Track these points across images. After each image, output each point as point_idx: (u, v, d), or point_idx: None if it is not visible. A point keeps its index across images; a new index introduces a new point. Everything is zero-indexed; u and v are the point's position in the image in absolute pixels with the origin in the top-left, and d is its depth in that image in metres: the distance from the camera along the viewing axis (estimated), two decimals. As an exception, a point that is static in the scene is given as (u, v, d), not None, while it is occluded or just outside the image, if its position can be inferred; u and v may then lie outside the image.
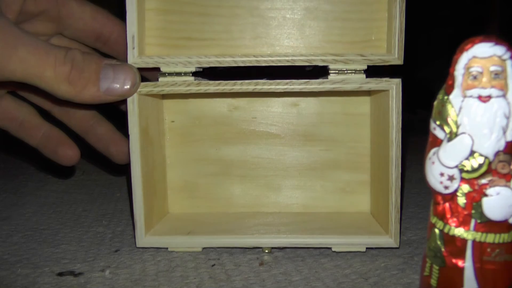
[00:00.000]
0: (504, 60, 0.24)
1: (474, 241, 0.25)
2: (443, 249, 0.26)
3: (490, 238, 0.25)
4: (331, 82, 0.41)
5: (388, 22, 0.42)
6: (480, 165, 0.25)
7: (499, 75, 0.25)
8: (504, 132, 0.25)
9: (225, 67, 0.42)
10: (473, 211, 0.25)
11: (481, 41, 0.25)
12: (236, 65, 0.41)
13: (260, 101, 0.49)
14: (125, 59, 0.41)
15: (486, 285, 0.26)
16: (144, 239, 0.42)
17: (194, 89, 0.41)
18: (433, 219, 0.27)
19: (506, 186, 0.25)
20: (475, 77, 0.25)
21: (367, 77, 0.41)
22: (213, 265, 0.40)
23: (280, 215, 0.48)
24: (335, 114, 0.49)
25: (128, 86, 0.39)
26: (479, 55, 0.25)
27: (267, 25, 0.45)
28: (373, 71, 0.41)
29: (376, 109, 0.45)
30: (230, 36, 0.45)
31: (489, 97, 0.24)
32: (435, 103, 0.26)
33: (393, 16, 0.40)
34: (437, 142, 0.26)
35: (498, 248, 0.25)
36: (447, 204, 0.26)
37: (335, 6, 0.45)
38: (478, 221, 0.25)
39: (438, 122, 0.26)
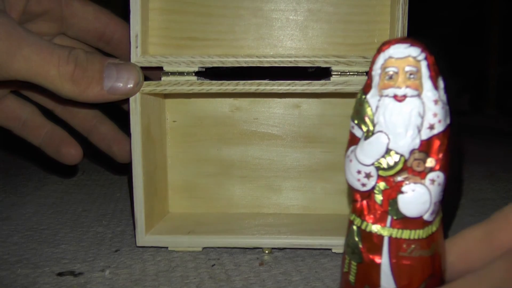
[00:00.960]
0: (418, 61, 0.25)
1: (390, 237, 0.26)
2: (360, 246, 0.27)
3: (406, 234, 0.26)
4: (333, 83, 0.41)
5: (390, 25, 0.43)
6: (396, 163, 0.25)
7: (414, 75, 0.25)
8: (419, 130, 0.25)
9: (228, 67, 0.42)
10: (389, 208, 0.26)
11: (397, 42, 0.25)
12: (239, 65, 0.41)
13: (262, 102, 0.49)
14: (127, 59, 0.41)
15: (402, 280, 0.26)
16: (144, 238, 0.42)
17: (196, 88, 0.41)
18: (351, 217, 0.27)
19: (421, 183, 0.25)
20: (391, 77, 0.25)
21: (369, 79, 0.41)
22: (213, 265, 0.40)
23: (281, 216, 0.48)
24: (336, 116, 0.49)
25: (132, 85, 0.40)
26: (394, 56, 0.25)
27: (270, 26, 0.45)
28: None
29: (378, 111, 0.45)
30: (233, 36, 0.45)
31: (404, 96, 0.25)
32: (354, 103, 0.27)
33: (396, 18, 0.40)
34: (355, 141, 0.27)
35: (413, 244, 0.26)
36: (364, 202, 0.26)
37: (338, 8, 0.45)
38: (394, 217, 0.26)
39: (356, 121, 0.26)
